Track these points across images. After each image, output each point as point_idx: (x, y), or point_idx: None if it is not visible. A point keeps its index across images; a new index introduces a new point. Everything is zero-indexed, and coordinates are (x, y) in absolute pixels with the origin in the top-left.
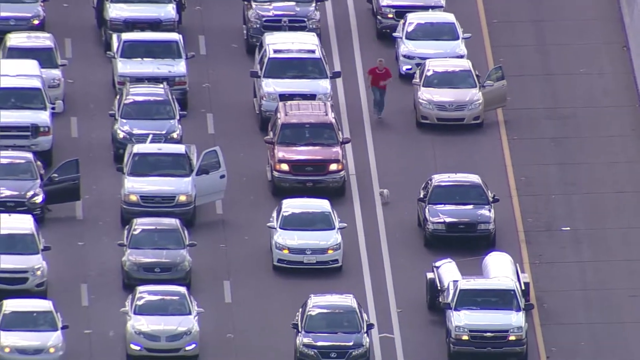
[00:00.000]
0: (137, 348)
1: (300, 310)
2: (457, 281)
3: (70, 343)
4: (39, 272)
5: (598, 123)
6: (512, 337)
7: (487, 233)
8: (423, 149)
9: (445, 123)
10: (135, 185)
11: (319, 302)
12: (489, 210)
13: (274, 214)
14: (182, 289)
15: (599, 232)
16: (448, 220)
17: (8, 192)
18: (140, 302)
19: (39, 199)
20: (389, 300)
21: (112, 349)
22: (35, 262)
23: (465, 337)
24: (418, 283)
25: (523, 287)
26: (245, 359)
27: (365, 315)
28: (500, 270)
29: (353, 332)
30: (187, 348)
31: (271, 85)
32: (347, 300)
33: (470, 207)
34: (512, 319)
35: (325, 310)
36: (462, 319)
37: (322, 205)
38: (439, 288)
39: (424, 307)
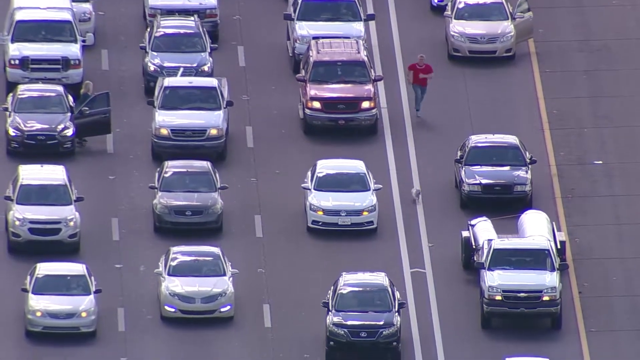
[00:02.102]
0: (172, 310)
1: (332, 288)
2: (491, 240)
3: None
4: (71, 223)
5: (630, 55)
6: (545, 298)
7: (524, 195)
8: (455, 83)
9: (477, 56)
10: (166, 119)
11: (350, 281)
12: (526, 172)
13: (309, 175)
14: (216, 250)
15: (631, 166)
16: (484, 181)
17: (39, 126)
18: (174, 263)
19: (69, 132)
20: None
21: (143, 283)
22: (68, 213)
23: (498, 297)
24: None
25: (559, 246)
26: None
27: (397, 294)
28: (536, 229)
29: (384, 311)
30: (222, 310)
31: (304, 28)
32: (379, 278)
33: (507, 168)
34: (546, 279)
35: (356, 289)
36: (496, 279)
37: (357, 166)
38: (474, 247)
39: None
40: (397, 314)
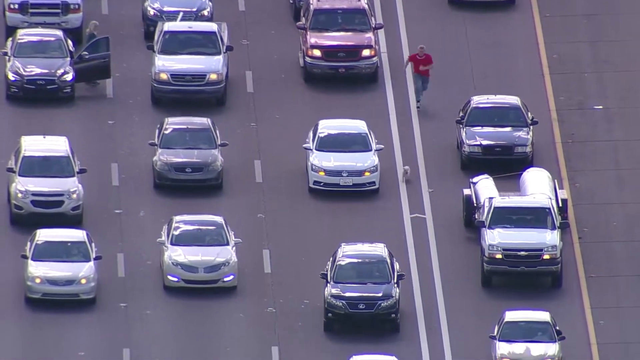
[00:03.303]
0: (175, 279)
1: (330, 259)
2: (492, 198)
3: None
4: (74, 196)
5: None
6: (546, 256)
7: (524, 156)
8: (455, 28)
9: (478, 0)
10: (166, 64)
11: (349, 252)
12: (527, 133)
13: (310, 135)
14: (219, 219)
15: (632, 111)
16: (484, 142)
17: (38, 70)
18: (176, 232)
19: (69, 77)
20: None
21: (143, 230)
22: (70, 185)
23: (498, 256)
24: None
25: (560, 204)
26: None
27: (397, 265)
28: (537, 186)
29: (383, 283)
30: (226, 279)
31: None
32: (378, 249)
33: (508, 129)
34: (547, 238)
35: (355, 260)
36: (496, 238)
37: (358, 126)
38: (475, 205)
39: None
40: (396, 285)
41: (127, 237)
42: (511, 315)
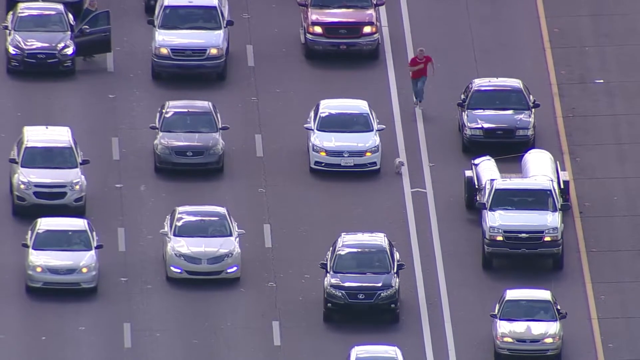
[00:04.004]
0: (178, 271)
1: (330, 249)
2: (493, 180)
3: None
4: (77, 187)
5: None
6: (547, 238)
7: (526, 139)
8: (456, 2)
9: None
10: (166, 39)
11: (349, 242)
12: (529, 116)
13: (311, 115)
14: (223, 210)
15: (633, 85)
16: (486, 125)
17: (39, 44)
18: (179, 224)
19: (69, 51)
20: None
21: (144, 204)
22: (73, 176)
23: (499, 238)
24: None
25: (562, 186)
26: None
27: (397, 254)
28: (539, 168)
29: (382, 273)
30: (229, 271)
31: None
32: (378, 239)
33: (510, 112)
34: (548, 220)
35: (354, 250)
36: (497, 220)
37: (360, 106)
38: (477, 186)
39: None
40: (395, 275)
41: (128, 211)
42: (512, 294)
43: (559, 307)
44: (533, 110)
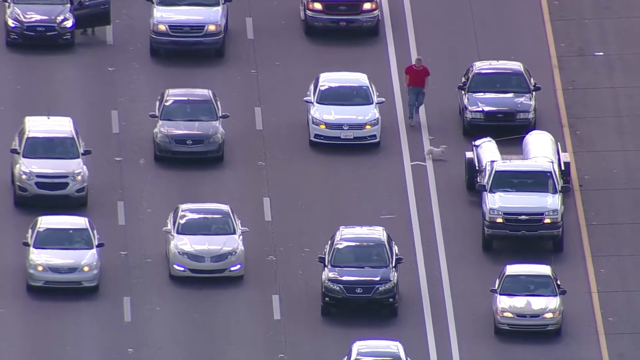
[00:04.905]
0: (181, 269)
1: (329, 242)
2: (493, 162)
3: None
4: (79, 177)
5: None
6: (547, 220)
7: (527, 122)
8: None
9: None
10: (164, 15)
11: (347, 235)
12: (530, 99)
13: (311, 88)
14: (226, 207)
15: (632, 57)
16: (487, 109)
17: (38, 17)
18: (182, 221)
19: (69, 23)
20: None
21: (143, 177)
22: (75, 166)
23: (499, 220)
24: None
25: (563, 168)
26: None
27: (395, 248)
28: (540, 149)
29: (380, 267)
30: (232, 269)
31: None
32: (377, 232)
33: (511, 95)
34: (548, 202)
35: (353, 244)
36: (497, 201)
37: (359, 79)
38: (478, 168)
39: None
40: (394, 269)
41: (127, 185)
42: (512, 269)
43: (559, 282)
44: (534, 93)
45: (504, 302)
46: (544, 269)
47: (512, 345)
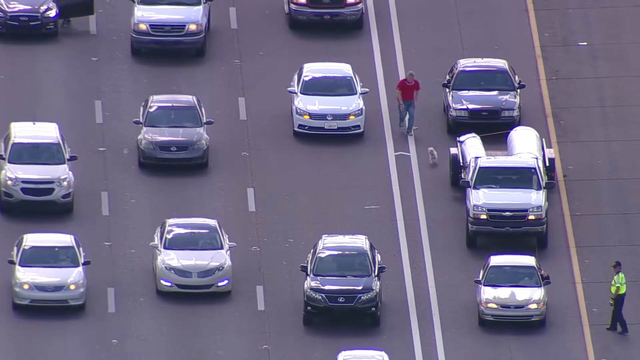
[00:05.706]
0: (168, 285)
1: (311, 251)
2: (478, 158)
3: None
4: (65, 183)
5: None
6: (531, 217)
7: (511, 120)
8: None
9: None
10: (145, 14)
11: (329, 244)
12: (514, 97)
13: (295, 78)
14: (213, 222)
15: (616, 47)
16: (471, 106)
17: (21, 7)
18: (169, 236)
19: (52, 13)
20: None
21: (127, 167)
22: (61, 172)
23: (483, 216)
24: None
25: (547, 164)
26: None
27: (378, 257)
28: (525, 145)
29: (363, 276)
30: (220, 284)
31: None
32: (359, 241)
33: (495, 93)
34: (532, 198)
35: (335, 252)
36: (481, 198)
37: (343, 69)
38: (462, 164)
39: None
40: (376, 278)
41: (111, 175)
42: (496, 260)
43: (543, 273)
44: (519, 90)
45: (488, 293)
46: (528, 260)
47: (496, 336)
